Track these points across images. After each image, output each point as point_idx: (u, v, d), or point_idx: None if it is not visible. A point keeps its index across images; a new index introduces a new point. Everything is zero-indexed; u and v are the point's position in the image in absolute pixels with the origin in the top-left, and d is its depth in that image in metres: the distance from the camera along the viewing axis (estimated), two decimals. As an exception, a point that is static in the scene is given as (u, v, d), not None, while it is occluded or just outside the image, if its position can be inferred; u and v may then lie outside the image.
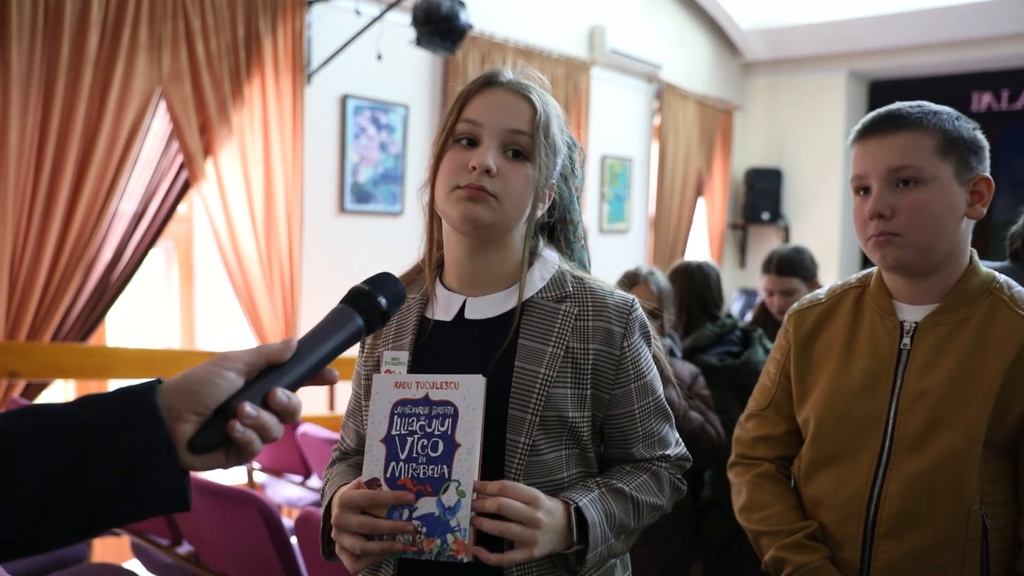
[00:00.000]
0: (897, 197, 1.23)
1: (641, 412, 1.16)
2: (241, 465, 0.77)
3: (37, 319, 2.98)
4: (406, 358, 1.14)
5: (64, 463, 0.66)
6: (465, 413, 1.03)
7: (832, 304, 1.39)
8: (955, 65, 6.57)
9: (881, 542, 1.24)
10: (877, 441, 1.27)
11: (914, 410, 1.24)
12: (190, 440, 0.71)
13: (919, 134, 1.23)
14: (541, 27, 5.15)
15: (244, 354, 0.76)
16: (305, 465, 3.18)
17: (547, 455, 1.09)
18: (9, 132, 2.79)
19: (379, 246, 4.25)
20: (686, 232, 6.58)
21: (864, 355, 1.31)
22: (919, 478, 1.22)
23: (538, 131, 1.10)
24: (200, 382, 0.72)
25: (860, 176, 1.28)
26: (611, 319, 1.13)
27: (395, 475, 1.04)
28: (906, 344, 1.28)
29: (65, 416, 0.68)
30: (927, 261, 1.25)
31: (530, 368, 1.09)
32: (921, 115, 1.25)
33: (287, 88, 3.67)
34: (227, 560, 2.13)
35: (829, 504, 1.31)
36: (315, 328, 0.82)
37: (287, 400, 0.75)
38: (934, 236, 1.23)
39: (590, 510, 1.06)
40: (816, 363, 1.37)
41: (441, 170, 1.12)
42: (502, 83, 1.13)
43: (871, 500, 1.26)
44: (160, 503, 0.70)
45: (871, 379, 1.29)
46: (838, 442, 1.31)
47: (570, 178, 1.22)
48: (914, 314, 1.29)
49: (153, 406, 0.69)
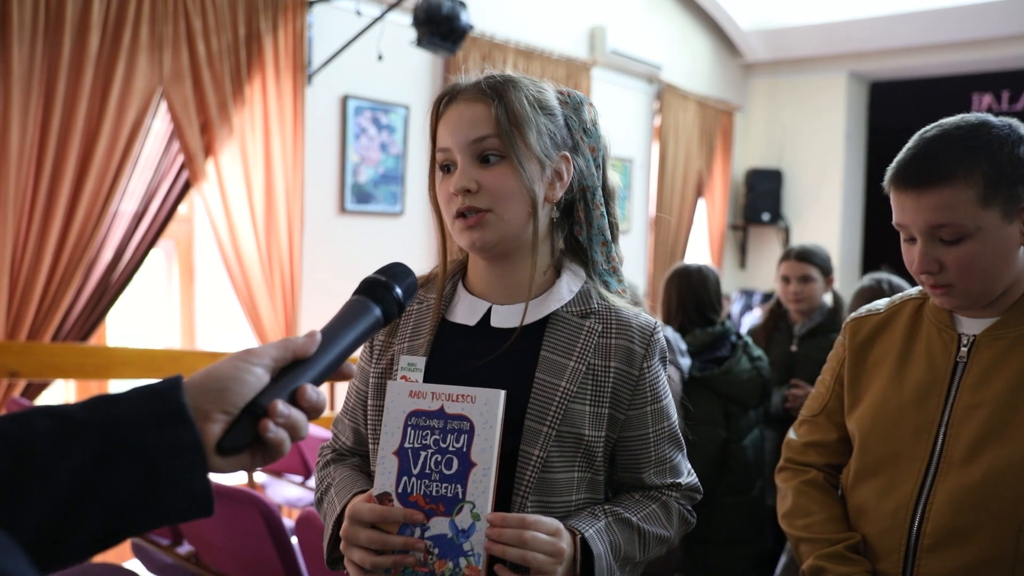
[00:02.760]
0: (943, 252, 1.17)
1: (655, 436, 1.14)
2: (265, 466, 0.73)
3: (38, 319, 2.98)
4: (423, 364, 1.10)
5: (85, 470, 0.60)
6: (481, 430, 0.99)
7: (890, 314, 1.36)
8: (955, 66, 6.57)
9: (924, 556, 1.20)
10: (926, 453, 1.22)
11: (966, 423, 1.19)
12: (219, 441, 0.67)
13: (957, 189, 1.14)
14: (541, 28, 5.15)
15: (270, 349, 0.72)
16: (305, 465, 3.19)
17: (559, 474, 1.06)
18: (10, 132, 2.79)
19: (380, 246, 4.25)
20: (686, 233, 6.58)
21: (919, 366, 1.27)
22: (967, 492, 1.17)
23: (500, 124, 1.05)
24: (229, 379, 0.68)
25: (901, 226, 1.22)
26: (633, 339, 1.11)
27: (407, 491, 1.00)
28: (963, 356, 1.23)
29: (84, 419, 0.62)
30: (987, 299, 1.21)
31: (551, 381, 1.07)
32: (958, 161, 1.14)
33: (288, 88, 3.67)
34: (228, 560, 2.13)
35: (873, 515, 1.28)
36: (333, 320, 0.79)
37: (316, 396, 0.72)
38: (988, 282, 1.18)
39: (596, 542, 1.03)
40: (870, 371, 1.34)
41: (440, 200, 1.11)
42: (457, 96, 1.10)
43: (916, 513, 1.21)
44: (188, 509, 0.65)
45: (924, 390, 1.25)
46: (886, 452, 1.27)
47: (582, 143, 1.15)
48: (974, 327, 1.24)
49: (180, 406, 0.65)
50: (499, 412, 0.98)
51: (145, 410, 0.64)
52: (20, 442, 0.60)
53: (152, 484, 0.63)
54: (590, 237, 1.17)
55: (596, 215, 1.17)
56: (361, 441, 1.21)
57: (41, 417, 0.62)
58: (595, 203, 1.17)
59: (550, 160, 1.10)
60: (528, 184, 1.07)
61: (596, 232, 1.17)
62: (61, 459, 0.60)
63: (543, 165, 1.09)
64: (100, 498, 0.61)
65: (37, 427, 0.61)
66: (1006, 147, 1.14)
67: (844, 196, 7.00)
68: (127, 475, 0.62)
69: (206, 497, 0.65)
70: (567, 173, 1.12)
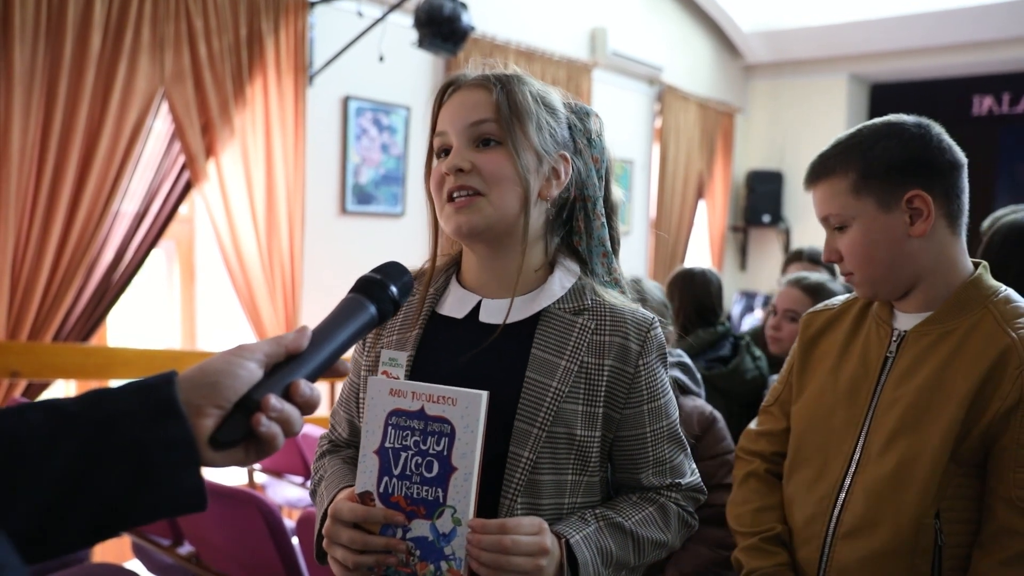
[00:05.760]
0: (838, 241, 1.30)
1: (653, 436, 1.10)
2: (259, 461, 0.72)
3: (39, 319, 2.98)
4: (405, 359, 1.09)
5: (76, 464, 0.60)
6: (462, 434, 0.95)
7: (842, 310, 1.41)
8: (956, 68, 6.57)
9: (839, 543, 1.25)
10: (851, 445, 1.28)
11: (885, 417, 1.25)
12: (212, 435, 0.66)
13: (834, 180, 1.28)
14: (542, 29, 5.15)
15: (262, 344, 0.72)
16: (306, 466, 3.18)
17: (548, 476, 1.04)
18: (12, 132, 2.79)
19: (380, 247, 4.25)
20: (687, 235, 6.58)
21: (854, 361, 1.32)
22: (878, 484, 1.22)
23: (501, 110, 1.05)
24: (220, 373, 0.68)
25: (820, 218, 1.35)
26: (628, 335, 1.08)
27: (388, 491, 0.99)
28: (891, 352, 1.28)
29: (75, 412, 0.62)
30: (893, 288, 1.28)
31: (542, 380, 1.04)
32: (837, 156, 1.29)
33: (289, 89, 3.67)
34: (228, 561, 2.13)
35: (801, 503, 1.33)
36: (328, 318, 0.80)
37: (310, 392, 0.71)
38: (879, 268, 1.26)
39: (582, 548, 1.01)
40: (815, 365, 1.39)
41: (431, 186, 1.10)
42: (461, 84, 1.10)
43: (835, 502, 1.27)
44: (179, 504, 0.65)
45: (855, 384, 1.30)
46: (817, 443, 1.33)
47: (585, 150, 1.14)
48: (908, 323, 1.29)
49: (172, 400, 0.65)
50: (481, 416, 0.95)
51: (136, 405, 0.64)
52: (12, 436, 0.60)
53: (143, 479, 0.62)
54: (590, 248, 1.16)
55: (596, 225, 1.15)
56: (356, 432, 1.19)
57: (34, 411, 0.62)
58: (596, 213, 1.16)
59: (548, 156, 1.09)
60: (523, 173, 1.05)
61: (596, 243, 1.15)
62: (52, 453, 0.60)
63: (540, 159, 1.08)
64: (90, 492, 0.61)
65: (29, 421, 0.61)
66: (882, 145, 1.26)
67: (845, 198, 6.99)
68: (118, 470, 0.62)
69: (198, 492, 0.65)
70: (565, 173, 1.11)
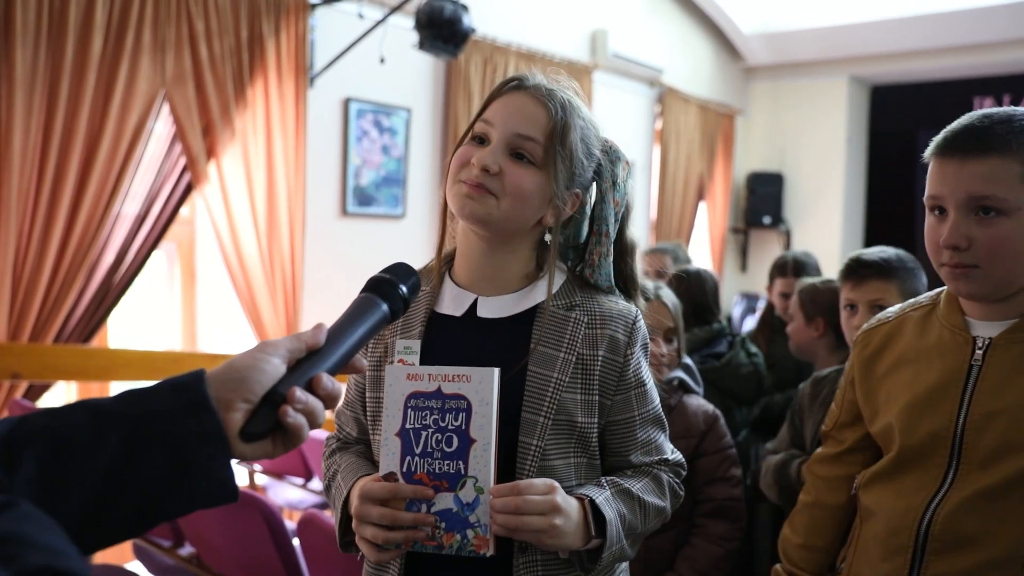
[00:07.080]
0: (976, 228, 1.13)
1: (641, 419, 1.19)
2: (286, 453, 0.77)
3: (40, 320, 2.98)
4: (419, 347, 1.15)
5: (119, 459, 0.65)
6: (479, 408, 1.03)
7: (900, 321, 1.34)
8: (957, 70, 6.57)
9: (933, 558, 1.19)
10: (944, 458, 1.20)
11: (987, 430, 1.17)
12: (242, 428, 0.71)
13: (1006, 160, 1.11)
14: (543, 31, 5.16)
15: (284, 341, 0.77)
16: (306, 467, 3.19)
17: (557, 461, 1.11)
18: (13, 134, 2.79)
19: (381, 249, 4.26)
20: (687, 236, 6.59)
21: (932, 370, 1.24)
22: (983, 498, 1.16)
23: (553, 138, 1.11)
24: (248, 368, 0.72)
25: (935, 197, 1.18)
26: (617, 328, 1.16)
27: (411, 469, 1.05)
28: (978, 359, 1.20)
29: (116, 411, 0.67)
30: (1004, 291, 1.18)
31: (543, 372, 1.11)
32: (1012, 135, 1.11)
33: (290, 91, 3.68)
34: (229, 562, 2.13)
35: (884, 514, 1.27)
36: (343, 316, 0.84)
37: (332, 385, 0.77)
38: (1014, 269, 1.15)
39: (606, 508, 1.07)
40: (881, 380, 1.33)
41: (452, 163, 1.14)
42: (526, 87, 1.14)
43: (926, 515, 1.20)
44: (213, 495, 0.69)
45: (938, 393, 1.22)
46: (902, 456, 1.27)
47: (609, 192, 1.20)
48: (988, 330, 1.21)
49: (203, 396, 0.69)
50: (494, 389, 1.03)
51: (172, 402, 0.68)
52: (59, 434, 0.65)
53: (181, 471, 0.67)
54: (598, 283, 1.22)
55: (606, 263, 1.22)
56: (364, 430, 1.25)
57: (76, 411, 0.67)
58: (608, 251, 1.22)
59: (567, 192, 1.15)
60: (540, 201, 1.12)
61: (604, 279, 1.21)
62: (97, 449, 0.65)
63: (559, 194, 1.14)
64: (133, 485, 0.66)
65: (74, 420, 0.66)
66: None
67: (845, 199, 7.00)
68: (157, 463, 0.66)
69: (230, 483, 0.70)
70: (570, 208, 1.17)
